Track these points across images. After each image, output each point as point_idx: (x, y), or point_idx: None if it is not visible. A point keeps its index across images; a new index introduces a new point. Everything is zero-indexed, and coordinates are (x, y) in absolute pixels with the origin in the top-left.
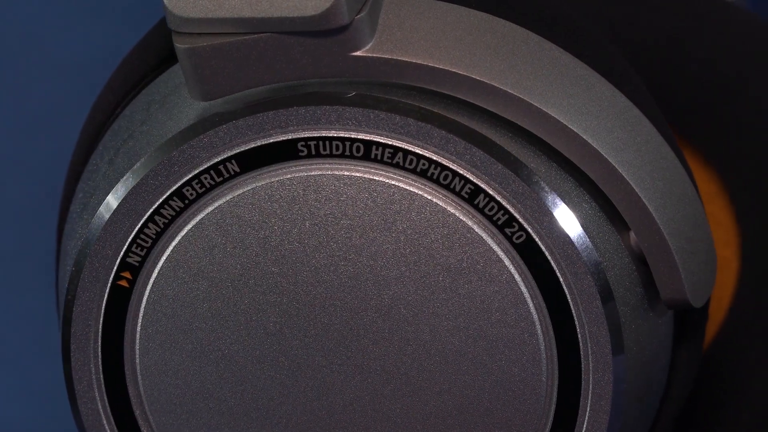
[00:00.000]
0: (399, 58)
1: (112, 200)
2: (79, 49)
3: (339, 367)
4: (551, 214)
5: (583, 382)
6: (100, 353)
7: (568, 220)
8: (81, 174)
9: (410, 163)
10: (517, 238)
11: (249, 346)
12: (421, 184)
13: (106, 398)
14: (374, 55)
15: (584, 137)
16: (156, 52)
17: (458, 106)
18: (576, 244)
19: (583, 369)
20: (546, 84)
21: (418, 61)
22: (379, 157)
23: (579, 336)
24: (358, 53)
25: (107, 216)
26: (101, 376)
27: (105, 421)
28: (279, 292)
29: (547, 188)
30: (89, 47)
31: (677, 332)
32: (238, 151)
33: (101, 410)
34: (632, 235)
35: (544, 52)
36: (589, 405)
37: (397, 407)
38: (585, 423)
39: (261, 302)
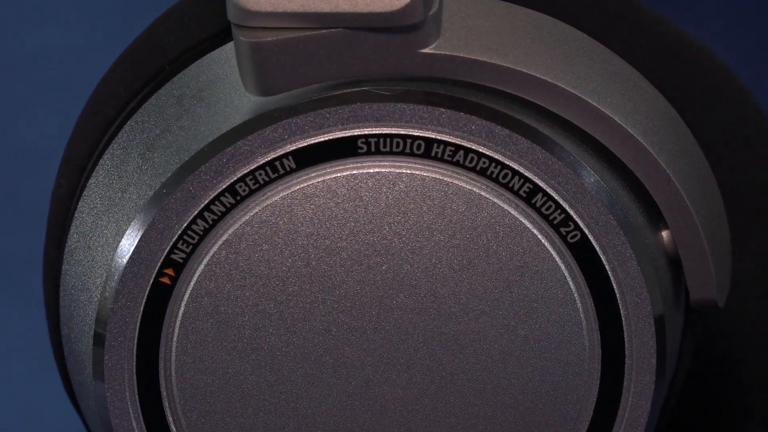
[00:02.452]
0: (466, 56)
1: (160, 196)
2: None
3: (385, 366)
4: (608, 214)
5: (625, 382)
6: (135, 351)
7: (623, 220)
8: (88, 168)
9: (470, 162)
10: (572, 237)
11: (293, 345)
12: (480, 182)
13: (137, 398)
14: (442, 52)
15: (639, 138)
16: (171, 46)
17: (518, 104)
18: (630, 244)
19: (626, 370)
20: (602, 84)
21: (485, 59)
22: (439, 155)
23: (625, 337)
24: (426, 50)
25: (154, 212)
26: (134, 375)
27: (134, 423)
28: (329, 291)
29: (605, 188)
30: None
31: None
32: (295, 147)
33: (131, 410)
34: (666, 235)
35: (596, 53)
36: (629, 406)
37: (440, 406)
38: (623, 424)
39: (310, 300)
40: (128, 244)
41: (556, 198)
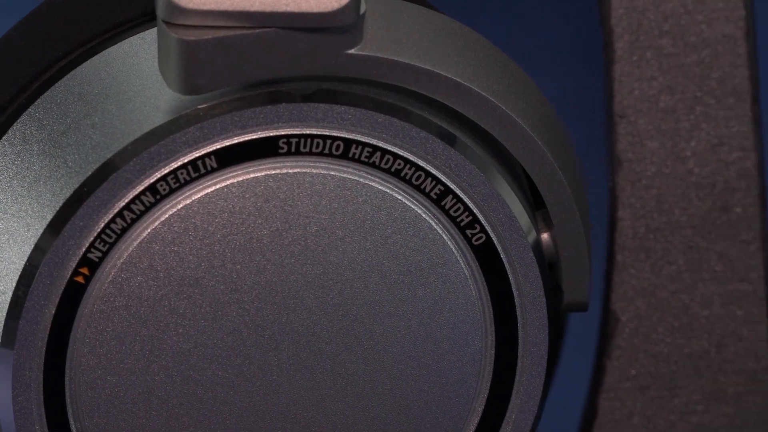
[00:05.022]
0: (390, 58)
1: (80, 194)
2: None
3: (290, 368)
4: (514, 217)
5: (515, 384)
6: (44, 352)
7: (526, 224)
8: None
9: (386, 163)
10: (477, 239)
11: (203, 345)
12: (393, 184)
13: (42, 398)
14: (368, 53)
15: (540, 144)
16: (60, 42)
17: (435, 107)
18: (532, 248)
19: (517, 371)
20: (507, 88)
21: (409, 62)
22: (357, 156)
23: (519, 340)
24: (352, 51)
25: (73, 210)
26: (41, 375)
27: (37, 425)
28: (242, 291)
29: (512, 193)
30: None
31: None
32: (218, 146)
33: (35, 411)
34: (546, 238)
35: (497, 57)
36: (517, 407)
37: (339, 408)
38: (511, 424)
39: (222, 301)
40: (45, 242)
41: (465, 200)
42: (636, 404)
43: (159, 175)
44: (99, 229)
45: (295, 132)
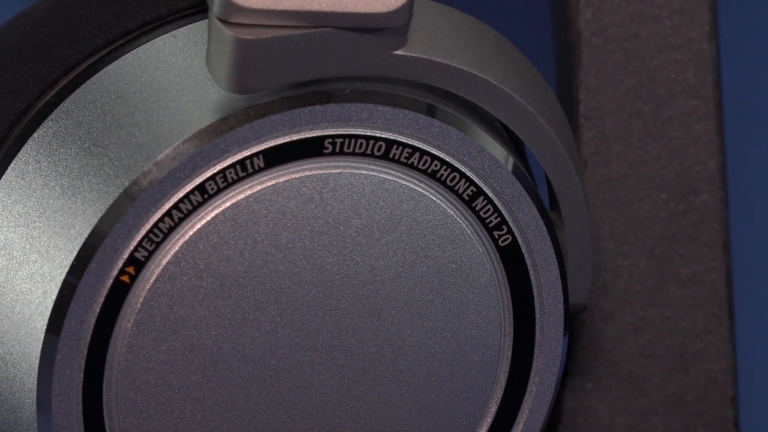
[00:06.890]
0: (436, 60)
1: (131, 193)
2: None
3: (320, 367)
4: (539, 219)
5: (529, 385)
6: (86, 352)
7: (549, 226)
8: None
9: (424, 164)
10: (503, 241)
11: (240, 345)
12: (429, 184)
13: (81, 397)
14: (414, 54)
15: (563, 149)
16: (84, 40)
17: (468, 109)
18: (554, 249)
19: (532, 373)
20: (538, 94)
21: (454, 64)
22: (396, 157)
23: (536, 340)
24: (399, 52)
25: (125, 209)
26: (83, 374)
27: (75, 423)
28: (281, 291)
29: (537, 195)
30: None
31: None
32: (267, 146)
33: (74, 412)
34: None
35: (522, 61)
36: (530, 406)
37: (363, 405)
38: (522, 424)
39: (261, 301)
40: (93, 241)
41: (495, 202)
42: (599, 405)
43: (208, 174)
44: (148, 228)
45: (340, 132)
